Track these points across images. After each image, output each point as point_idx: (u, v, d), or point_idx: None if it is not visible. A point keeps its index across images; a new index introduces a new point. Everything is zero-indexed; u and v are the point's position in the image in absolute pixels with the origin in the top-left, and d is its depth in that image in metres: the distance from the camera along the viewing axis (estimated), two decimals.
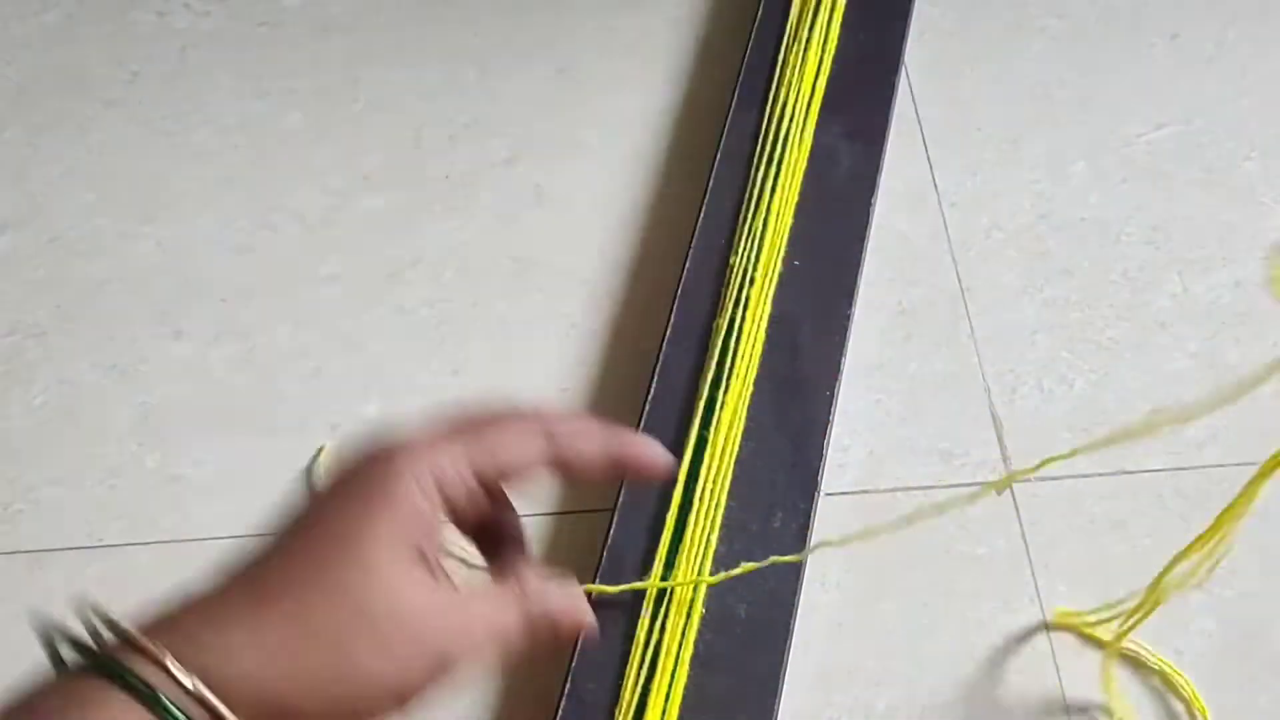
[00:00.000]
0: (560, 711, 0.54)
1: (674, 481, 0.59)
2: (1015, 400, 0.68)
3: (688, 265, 0.69)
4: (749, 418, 0.62)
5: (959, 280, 0.73)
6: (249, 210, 0.77)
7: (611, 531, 0.59)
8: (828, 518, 0.63)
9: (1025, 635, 0.60)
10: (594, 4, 0.88)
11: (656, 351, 0.66)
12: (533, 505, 0.64)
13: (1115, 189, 0.77)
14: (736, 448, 0.61)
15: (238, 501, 0.64)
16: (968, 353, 0.70)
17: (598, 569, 0.58)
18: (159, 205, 0.78)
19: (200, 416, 0.68)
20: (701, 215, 0.71)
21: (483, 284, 0.73)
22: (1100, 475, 0.65)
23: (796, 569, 0.57)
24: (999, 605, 0.60)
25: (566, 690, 0.54)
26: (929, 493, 0.64)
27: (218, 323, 0.72)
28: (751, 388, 0.63)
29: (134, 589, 0.62)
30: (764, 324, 0.65)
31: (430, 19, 0.88)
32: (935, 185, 0.77)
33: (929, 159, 0.78)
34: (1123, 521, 0.63)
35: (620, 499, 0.60)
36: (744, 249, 0.68)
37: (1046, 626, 0.60)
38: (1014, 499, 0.64)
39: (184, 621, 0.29)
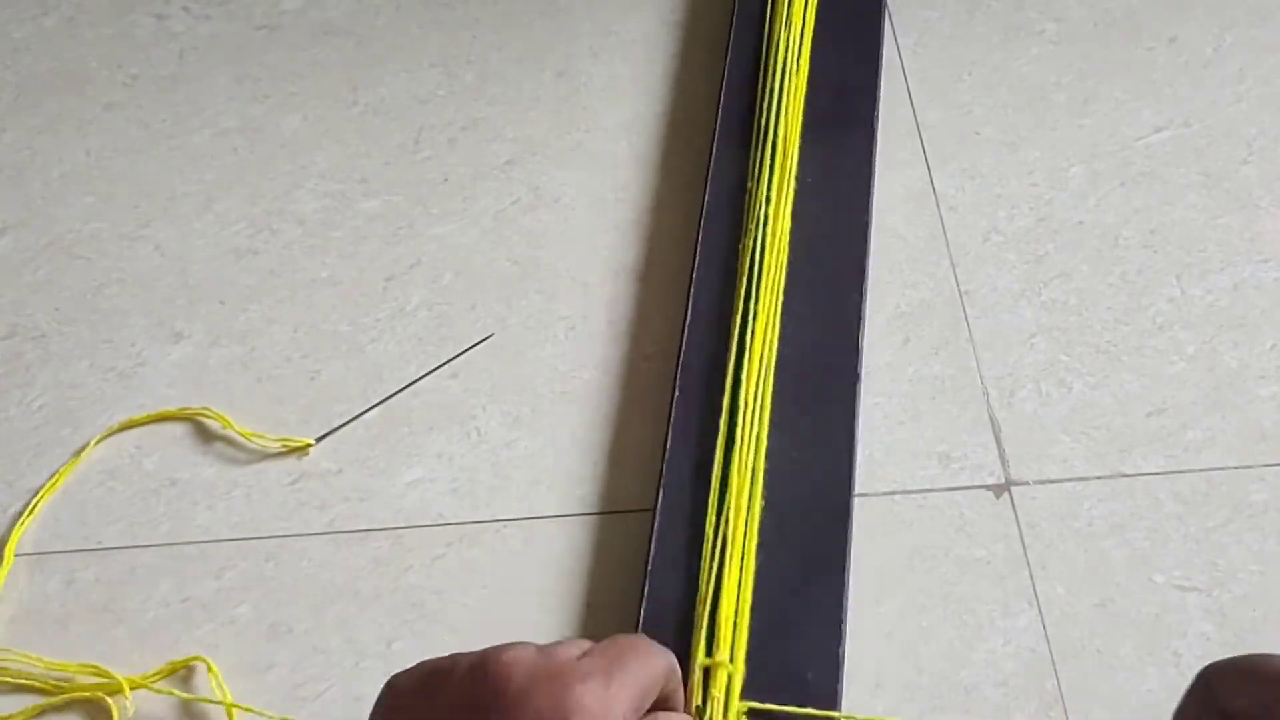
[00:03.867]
0: (642, 610, 0.57)
1: (721, 388, 0.63)
2: (1013, 403, 0.68)
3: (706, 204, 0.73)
4: (783, 323, 0.66)
5: (957, 283, 0.73)
6: (248, 213, 0.77)
7: (669, 442, 0.62)
8: None
9: (1024, 638, 0.60)
10: (592, 7, 0.88)
11: (687, 285, 0.69)
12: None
13: (1113, 192, 0.77)
14: (775, 352, 0.65)
15: (237, 504, 0.64)
16: (966, 356, 0.70)
17: (661, 476, 0.61)
18: (158, 208, 0.78)
19: (199, 419, 0.68)
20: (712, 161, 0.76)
21: (482, 287, 0.73)
22: (1098, 479, 0.65)
23: (850, 455, 0.62)
24: (997, 609, 0.60)
25: (646, 591, 0.58)
26: (926, 496, 0.64)
27: (217, 325, 0.72)
28: (782, 296, 0.67)
29: (133, 592, 0.62)
30: (785, 241, 0.69)
31: (429, 22, 0.88)
32: (933, 188, 0.77)
33: (927, 162, 0.78)
34: (1121, 525, 0.63)
35: (674, 405, 0.64)
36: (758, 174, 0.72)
37: (1045, 629, 0.60)
38: (1012, 502, 0.64)
39: None
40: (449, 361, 0.69)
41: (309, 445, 0.66)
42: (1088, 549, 0.62)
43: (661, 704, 0.36)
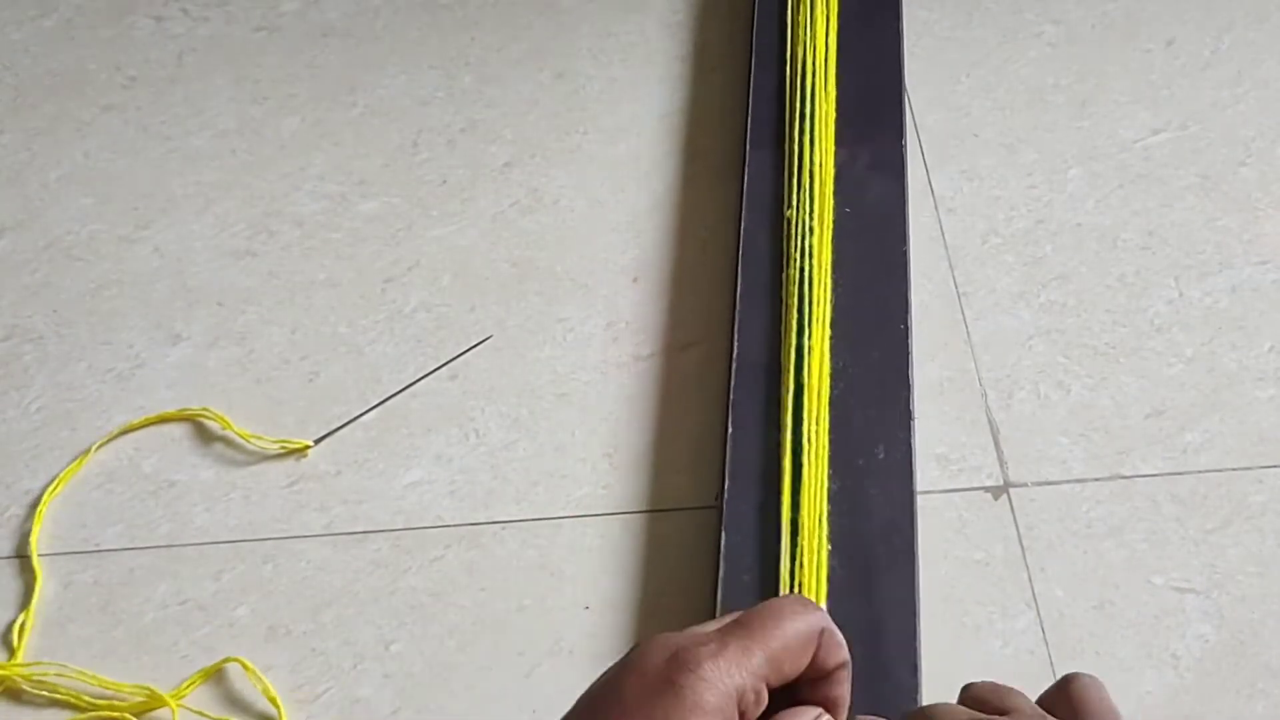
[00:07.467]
0: None
1: (780, 427, 0.62)
2: (1012, 405, 0.68)
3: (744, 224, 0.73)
4: (833, 359, 0.66)
5: (956, 285, 0.73)
6: (247, 214, 0.77)
7: (726, 481, 0.62)
8: None
9: (1023, 640, 0.60)
10: (591, 9, 0.88)
11: (731, 310, 0.69)
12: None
13: (1112, 194, 0.77)
14: (829, 388, 0.64)
15: (235, 506, 0.64)
16: (964, 358, 0.70)
17: (721, 513, 0.60)
18: (156, 209, 0.78)
19: (198, 420, 0.68)
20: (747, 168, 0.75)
21: (480, 288, 0.73)
22: (1096, 480, 0.65)
23: (909, 493, 0.61)
24: (996, 611, 0.60)
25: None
26: (925, 498, 0.64)
27: (215, 327, 0.72)
28: (830, 330, 0.67)
29: (131, 594, 0.62)
30: (829, 274, 0.69)
31: (428, 24, 0.88)
32: (932, 190, 0.77)
33: (926, 164, 0.78)
34: (1119, 527, 0.63)
35: (729, 443, 0.63)
36: (797, 201, 0.72)
37: (1043, 631, 0.60)
38: (1011, 504, 0.64)
39: None
40: (448, 363, 0.69)
41: (307, 447, 0.66)
42: (1086, 551, 0.62)
43: (817, 676, 0.35)
